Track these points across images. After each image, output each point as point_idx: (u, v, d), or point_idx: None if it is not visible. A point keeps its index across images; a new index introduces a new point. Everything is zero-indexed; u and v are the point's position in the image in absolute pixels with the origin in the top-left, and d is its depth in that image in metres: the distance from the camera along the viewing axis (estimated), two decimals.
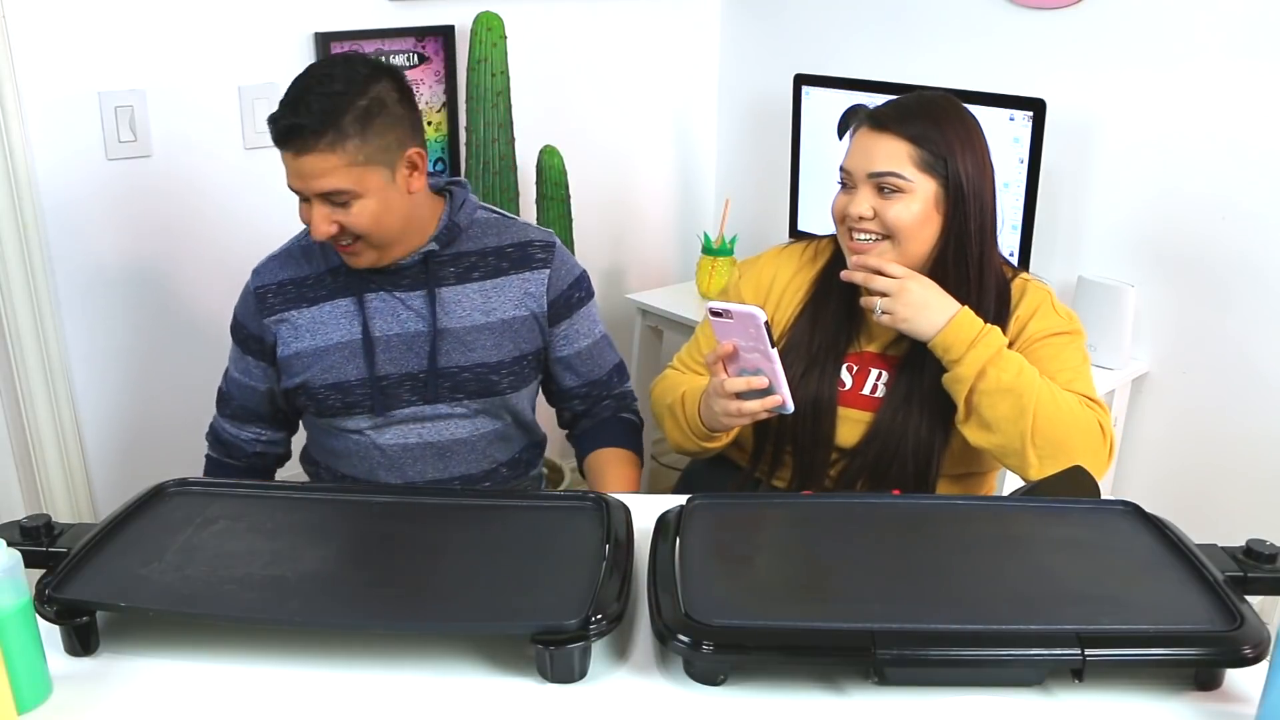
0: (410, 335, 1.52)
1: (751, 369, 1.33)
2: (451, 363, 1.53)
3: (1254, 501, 2.08)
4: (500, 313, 1.55)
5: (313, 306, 1.54)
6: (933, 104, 1.44)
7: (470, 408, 1.55)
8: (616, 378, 1.70)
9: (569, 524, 1.16)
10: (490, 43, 2.20)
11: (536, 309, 1.57)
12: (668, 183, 2.88)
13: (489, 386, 1.55)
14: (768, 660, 0.99)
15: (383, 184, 1.42)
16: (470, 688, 0.98)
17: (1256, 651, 0.92)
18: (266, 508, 1.20)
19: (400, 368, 1.52)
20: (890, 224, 1.40)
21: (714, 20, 2.82)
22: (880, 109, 1.44)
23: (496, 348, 1.55)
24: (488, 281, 1.55)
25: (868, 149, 1.41)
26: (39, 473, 2.02)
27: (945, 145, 1.39)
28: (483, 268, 1.55)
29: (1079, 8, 2.14)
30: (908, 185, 1.39)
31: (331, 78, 1.39)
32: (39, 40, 1.85)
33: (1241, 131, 1.97)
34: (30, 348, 1.95)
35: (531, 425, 1.66)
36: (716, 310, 1.30)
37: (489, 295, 1.55)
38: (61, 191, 1.93)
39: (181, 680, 0.99)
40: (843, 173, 1.45)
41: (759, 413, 1.35)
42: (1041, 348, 1.43)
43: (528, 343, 1.58)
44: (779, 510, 1.24)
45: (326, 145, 1.37)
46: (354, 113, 1.37)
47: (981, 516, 1.19)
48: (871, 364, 1.49)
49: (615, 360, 1.70)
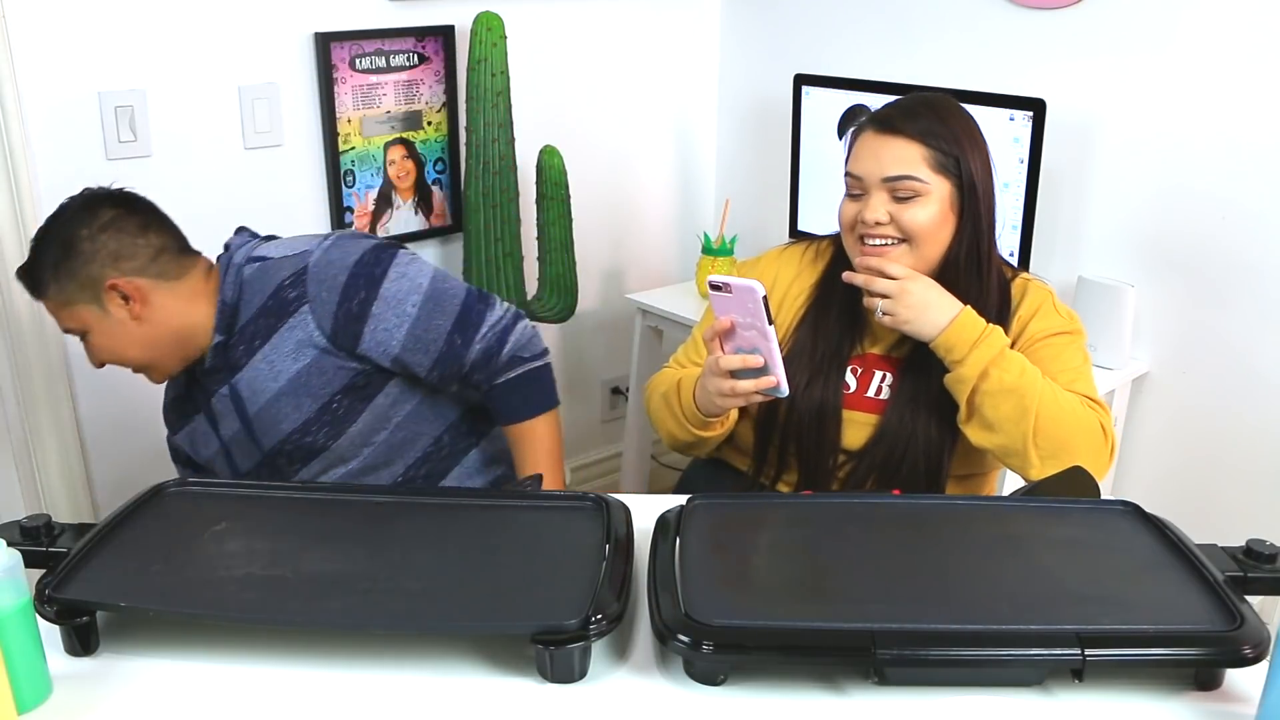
0: (230, 437, 1.57)
1: (749, 348, 1.31)
2: (271, 443, 1.52)
3: (1254, 501, 2.08)
4: (286, 372, 1.48)
5: (192, 420, 1.61)
6: (936, 103, 1.42)
7: (329, 459, 1.54)
8: (461, 345, 1.49)
9: (569, 524, 1.16)
10: (490, 43, 2.21)
11: (320, 345, 1.47)
12: (668, 183, 2.87)
13: (312, 448, 1.51)
14: (768, 660, 0.99)
15: (99, 317, 1.45)
16: (470, 688, 0.98)
17: (1256, 651, 0.92)
18: (266, 508, 1.20)
19: (254, 459, 1.57)
20: (908, 228, 1.38)
21: (714, 20, 2.82)
22: (884, 110, 1.42)
23: (296, 409, 1.49)
24: (266, 345, 1.47)
25: (877, 153, 1.38)
26: (39, 473, 2.02)
27: (956, 144, 1.38)
28: (258, 334, 1.48)
29: (1079, 8, 2.14)
30: (923, 187, 1.37)
31: (43, 229, 1.46)
32: (39, 40, 1.85)
33: (1241, 131, 1.97)
34: (30, 347, 1.95)
35: (420, 415, 1.56)
36: (716, 284, 1.28)
37: (270, 359, 1.48)
38: (61, 191, 1.91)
39: (181, 680, 0.99)
40: (850, 179, 1.42)
41: (752, 393, 1.32)
42: (1043, 348, 1.43)
43: (330, 383, 1.49)
44: (779, 510, 1.24)
45: (40, 292, 1.46)
46: (49, 259, 1.43)
47: (981, 516, 1.19)
48: (876, 366, 1.48)
49: (445, 328, 1.48)
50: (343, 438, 1.51)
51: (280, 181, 2.19)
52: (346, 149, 2.25)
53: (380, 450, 1.54)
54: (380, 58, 2.25)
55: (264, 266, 1.49)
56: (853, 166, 1.42)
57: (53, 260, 1.42)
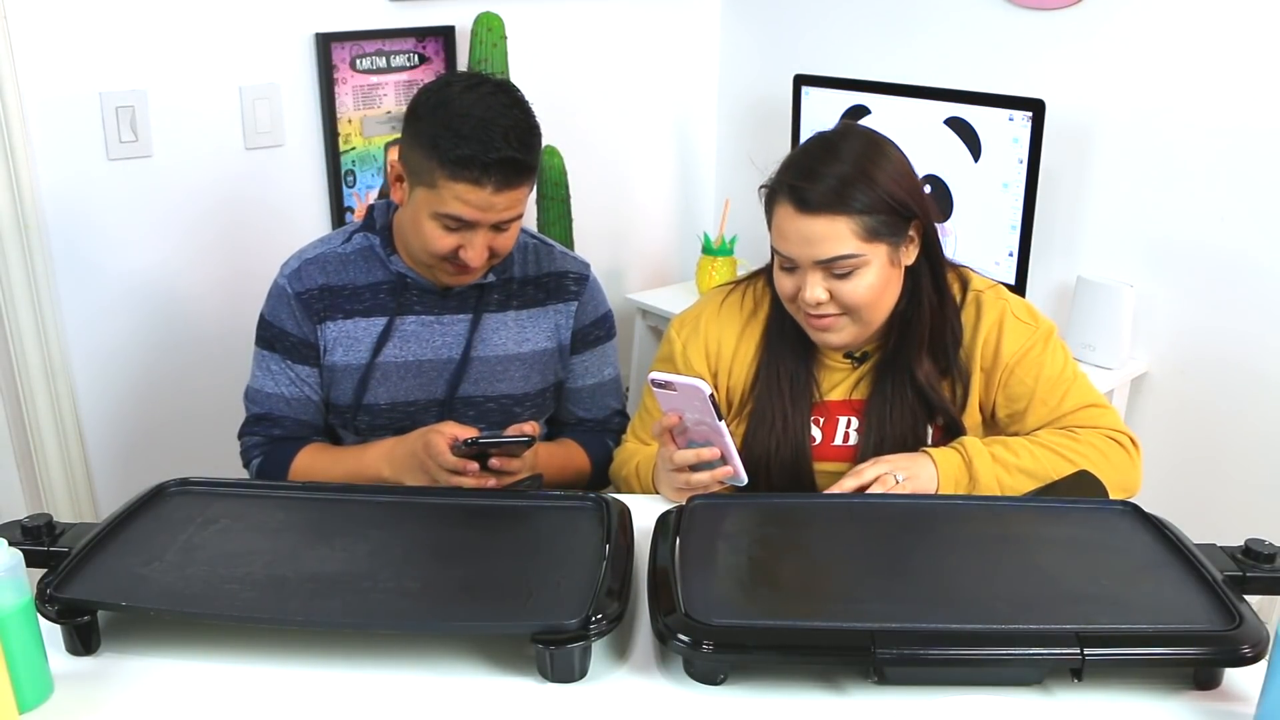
0: (441, 362, 1.50)
1: (700, 439, 1.27)
2: (478, 391, 1.51)
3: (1253, 501, 2.08)
4: (533, 344, 1.54)
5: (347, 320, 1.50)
6: (845, 156, 1.30)
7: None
8: (616, 420, 1.65)
9: (569, 524, 1.16)
10: (490, 43, 2.21)
11: (562, 340, 1.56)
12: (668, 183, 2.88)
13: (511, 418, 1.52)
14: (768, 660, 0.99)
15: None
16: (470, 688, 0.98)
17: (1255, 651, 0.92)
18: (267, 507, 1.20)
19: (428, 393, 1.50)
20: (850, 303, 1.31)
21: (714, 20, 2.82)
22: (797, 183, 1.30)
23: (525, 380, 1.53)
24: (524, 311, 1.54)
25: (805, 236, 1.29)
26: (40, 472, 2.03)
27: (880, 200, 1.28)
28: (521, 296, 1.54)
29: (1079, 8, 2.14)
30: (859, 261, 1.29)
31: (510, 122, 1.36)
32: (40, 40, 1.86)
33: (1241, 131, 1.97)
34: (31, 348, 1.95)
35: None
36: (659, 382, 1.25)
37: (524, 325, 1.53)
38: (62, 191, 1.94)
39: (181, 680, 0.99)
40: (780, 256, 1.35)
41: (710, 485, 1.28)
42: (1023, 371, 1.38)
43: (552, 374, 1.57)
44: (779, 510, 1.24)
45: (530, 179, 1.39)
46: (537, 142, 1.39)
47: (981, 516, 1.20)
48: (838, 412, 1.44)
49: (617, 406, 1.66)
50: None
51: (281, 181, 2.19)
52: (347, 149, 2.26)
53: None
54: (381, 58, 2.25)
55: (544, 247, 1.59)
56: (780, 246, 1.34)
57: (538, 143, 1.39)
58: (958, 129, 2.16)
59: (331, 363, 1.50)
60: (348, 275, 1.50)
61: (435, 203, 1.36)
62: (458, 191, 1.34)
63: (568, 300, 1.56)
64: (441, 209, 1.36)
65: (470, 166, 1.32)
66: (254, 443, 1.55)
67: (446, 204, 1.35)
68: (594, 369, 1.61)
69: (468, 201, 1.35)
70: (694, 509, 1.18)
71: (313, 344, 1.50)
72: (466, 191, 1.34)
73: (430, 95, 1.39)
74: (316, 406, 1.53)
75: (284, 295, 1.49)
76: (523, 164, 1.36)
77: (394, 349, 1.49)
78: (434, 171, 1.35)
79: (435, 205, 1.36)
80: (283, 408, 1.52)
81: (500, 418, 1.52)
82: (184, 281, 2.10)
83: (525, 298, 1.54)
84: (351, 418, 1.51)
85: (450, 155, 1.32)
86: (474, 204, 1.35)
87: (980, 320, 1.40)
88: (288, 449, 1.52)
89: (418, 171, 1.37)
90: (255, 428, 1.54)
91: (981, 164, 2.15)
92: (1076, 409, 1.38)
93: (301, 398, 1.51)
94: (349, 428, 1.53)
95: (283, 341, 1.50)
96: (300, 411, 1.52)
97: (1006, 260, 2.13)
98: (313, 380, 1.51)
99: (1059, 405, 1.38)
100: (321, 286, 1.49)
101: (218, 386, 1.96)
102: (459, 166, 1.33)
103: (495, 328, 1.52)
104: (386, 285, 1.49)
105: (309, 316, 1.49)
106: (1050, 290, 2.29)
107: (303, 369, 1.50)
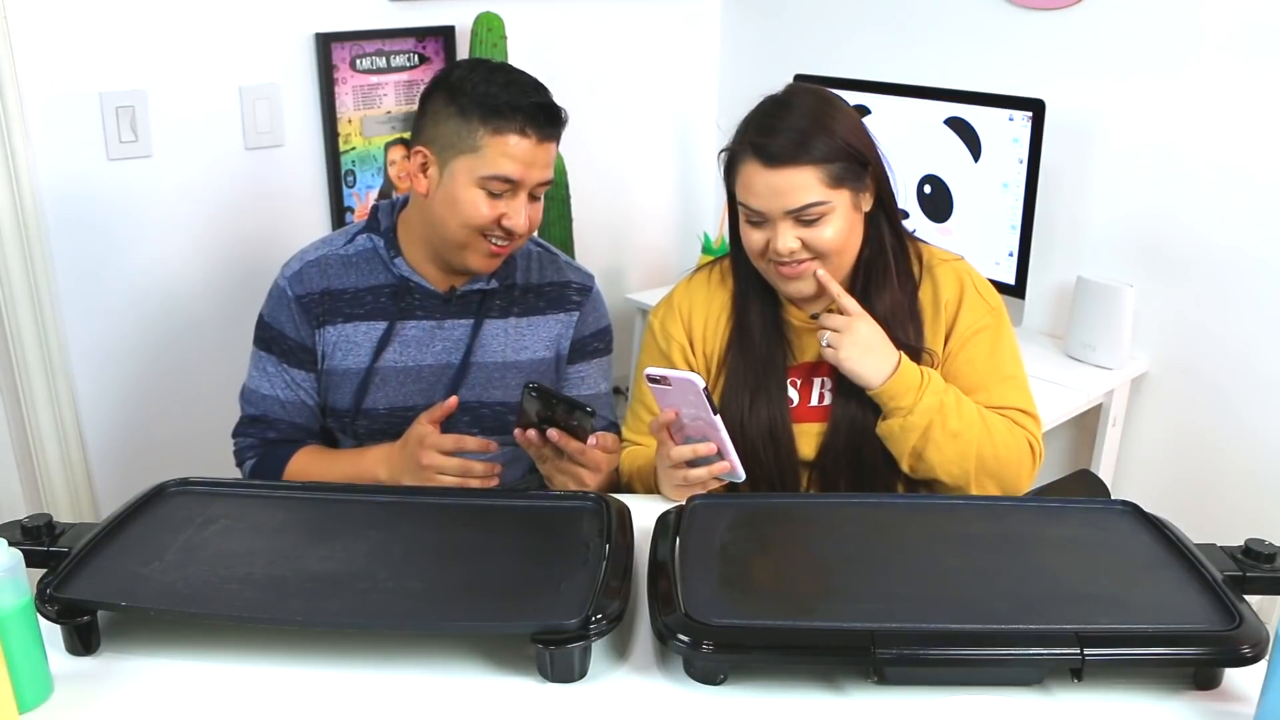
0: (441, 367, 1.50)
1: (698, 435, 1.28)
2: (474, 397, 1.51)
3: (1253, 501, 2.08)
4: (530, 352, 1.53)
5: (348, 323, 1.48)
6: (804, 110, 1.36)
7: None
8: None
9: (569, 524, 1.16)
10: (490, 43, 2.21)
11: (561, 350, 1.56)
12: (668, 183, 2.88)
13: (506, 426, 1.50)
14: (768, 660, 0.99)
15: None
16: (470, 688, 0.98)
17: (1255, 651, 0.92)
18: (267, 507, 1.20)
19: (427, 399, 1.48)
20: (821, 248, 1.36)
21: (714, 20, 2.82)
22: (760, 139, 1.35)
23: (520, 388, 1.51)
24: (524, 319, 1.53)
25: (774, 188, 1.34)
26: (40, 472, 2.03)
27: (839, 147, 1.33)
28: (523, 304, 1.53)
29: (1079, 8, 2.14)
30: (827, 208, 1.34)
31: (530, 81, 1.42)
32: (40, 40, 1.86)
33: (1241, 132, 1.98)
34: (31, 347, 1.95)
35: None
36: (654, 377, 1.26)
37: (523, 333, 1.53)
38: (62, 192, 1.93)
39: (181, 680, 0.99)
40: (747, 210, 1.38)
41: (708, 480, 1.29)
42: (973, 347, 1.41)
43: (548, 384, 1.54)
44: (779, 510, 1.24)
45: (558, 129, 1.44)
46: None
47: (981, 516, 1.20)
48: (812, 374, 1.46)
49: (610, 419, 1.63)
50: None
51: (281, 181, 2.19)
52: (347, 149, 2.26)
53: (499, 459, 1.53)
54: (381, 58, 2.25)
55: (548, 255, 1.60)
56: (747, 199, 1.37)
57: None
58: (958, 129, 2.16)
59: (331, 367, 1.49)
60: (349, 278, 1.49)
61: (479, 165, 1.37)
62: (504, 147, 1.36)
63: (569, 310, 1.56)
64: (487, 170, 1.37)
65: (514, 115, 1.35)
66: (248, 444, 1.55)
67: (493, 163, 1.36)
68: (590, 380, 1.60)
69: (514, 156, 1.36)
70: (694, 509, 1.18)
71: (310, 348, 1.49)
72: (514, 144, 1.36)
73: (445, 76, 1.41)
74: (311, 410, 1.52)
75: (284, 297, 1.49)
76: (557, 112, 1.40)
77: (394, 353, 1.49)
78: (476, 132, 1.36)
79: (479, 168, 1.37)
80: (278, 410, 1.51)
81: (494, 424, 1.52)
82: (184, 281, 2.10)
83: (527, 305, 1.54)
84: (350, 422, 1.51)
85: (492, 106, 1.35)
86: (520, 158, 1.37)
87: (941, 285, 1.44)
88: (282, 452, 1.51)
89: (454, 143, 1.38)
90: (250, 429, 1.54)
91: (981, 164, 2.15)
92: (1010, 408, 1.40)
93: (296, 401, 1.51)
94: (348, 432, 1.53)
95: (280, 344, 1.49)
96: (295, 415, 1.52)
97: (1006, 260, 2.13)
98: (308, 385, 1.51)
99: (999, 397, 1.40)
100: (322, 290, 1.48)
101: (218, 386, 1.96)
102: (503, 118, 1.35)
103: (495, 334, 1.52)
104: (388, 289, 1.49)
105: (308, 320, 1.48)
106: (1050, 290, 2.29)
107: (298, 373, 1.50)
